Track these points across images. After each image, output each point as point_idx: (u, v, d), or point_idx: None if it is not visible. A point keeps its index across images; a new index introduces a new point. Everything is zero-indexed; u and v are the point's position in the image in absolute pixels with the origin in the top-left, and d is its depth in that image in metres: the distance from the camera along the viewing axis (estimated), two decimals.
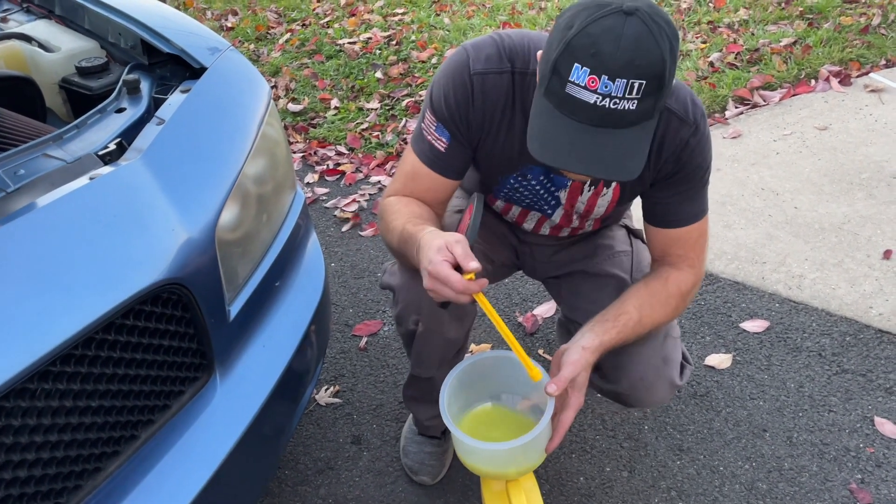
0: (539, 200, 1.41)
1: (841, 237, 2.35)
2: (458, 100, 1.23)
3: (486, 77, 1.22)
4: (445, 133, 1.26)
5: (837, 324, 2.04)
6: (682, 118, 1.21)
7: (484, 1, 4.36)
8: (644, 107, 1.00)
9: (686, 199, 1.29)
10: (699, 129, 1.23)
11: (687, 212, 1.30)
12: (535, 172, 1.33)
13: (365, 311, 2.24)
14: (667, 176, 1.26)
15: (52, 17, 1.66)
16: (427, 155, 1.29)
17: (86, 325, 0.93)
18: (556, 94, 1.01)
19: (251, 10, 4.67)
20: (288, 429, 1.38)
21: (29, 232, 0.98)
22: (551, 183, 1.35)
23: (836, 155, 2.75)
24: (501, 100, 1.23)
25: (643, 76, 0.96)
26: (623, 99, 0.97)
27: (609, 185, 1.34)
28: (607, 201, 1.38)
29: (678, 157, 1.23)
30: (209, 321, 1.15)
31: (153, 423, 1.10)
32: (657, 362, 1.35)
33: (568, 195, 1.37)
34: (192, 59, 1.40)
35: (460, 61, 1.24)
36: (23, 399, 0.90)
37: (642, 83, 0.97)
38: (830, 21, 3.58)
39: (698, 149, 1.23)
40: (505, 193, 1.42)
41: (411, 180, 1.32)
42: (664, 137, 1.22)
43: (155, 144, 1.18)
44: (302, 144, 3.24)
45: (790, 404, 1.83)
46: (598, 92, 0.97)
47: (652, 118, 1.03)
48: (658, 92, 0.99)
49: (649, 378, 1.35)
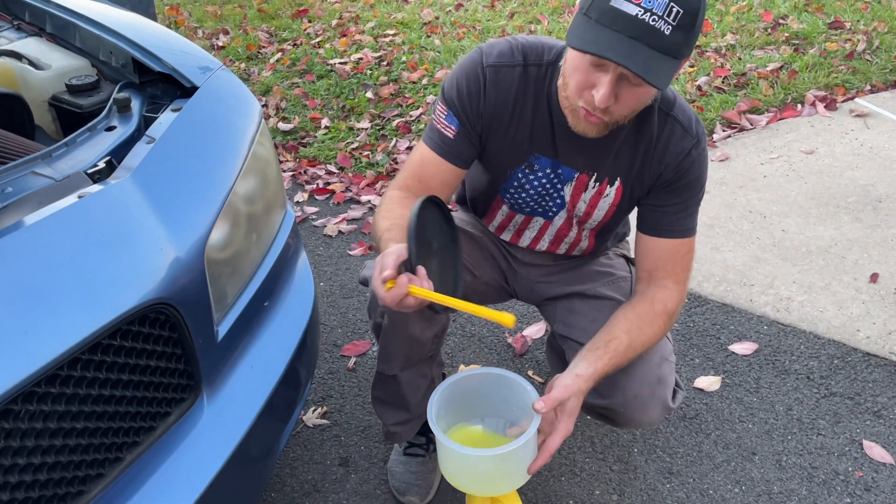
0: (543, 199, 1.42)
1: (828, 260, 2.37)
2: (471, 90, 1.30)
3: (499, 69, 1.29)
4: (455, 121, 1.33)
5: (825, 346, 2.05)
6: (686, 128, 1.29)
7: (474, 23, 4.39)
8: (675, 38, 1.06)
9: (681, 210, 1.34)
10: (700, 143, 1.31)
11: (681, 223, 1.35)
12: (543, 163, 1.36)
13: (353, 330, 2.23)
14: (666, 183, 1.32)
15: (43, 35, 1.65)
16: (436, 142, 1.35)
17: (72, 346, 0.92)
18: (598, 8, 1.07)
19: (242, 30, 4.69)
20: (275, 450, 1.37)
21: (16, 250, 0.97)
22: (557, 177, 1.37)
23: (822, 178, 2.78)
24: (513, 91, 1.30)
25: (682, 4, 1.04)
26: (661, 19, 1.04)
27: (612, 185, 1.37)
28: (608, 203, 1.40)
29: (679, 165, 1.30)
30: (197, 342, 1.14)
31: (139, 444, 1.09)
32: (652, 381, 1.35)
33: (572, 192, 1.39)
34: (184, 77, 1.39)
35: (474, 57, 1.31)
36: (6, 420, 0.89)
37: (680, 11, 1.04)
38: (816, 47, 3.64)
39: (698, 161, 1.31)
40: (511, 195, 1.44)
41: (419, 167, 1.37)
42: (668, 142, 1.29)
43: (145, 163, 1.17)
44: (292, 163, 3.23)
45: (779, 427, 1.83)
46: (641, 6, 1.04)
47: (675, 57, 1.08)
48: (688, 29, 1.06)
49: (644, 396, 1.35)
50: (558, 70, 1.28)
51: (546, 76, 1.29)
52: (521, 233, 1.54)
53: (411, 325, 1.39)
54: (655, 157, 1.31)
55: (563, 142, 1.32)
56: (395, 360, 1.46)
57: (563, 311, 1.53)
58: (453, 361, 2.08)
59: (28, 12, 1.70)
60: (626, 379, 1.33)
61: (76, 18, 1.59)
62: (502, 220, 1.54)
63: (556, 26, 4.26)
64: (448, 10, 4.66)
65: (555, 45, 1.32)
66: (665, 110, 1.30)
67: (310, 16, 4.81)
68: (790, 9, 4.04)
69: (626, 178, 1.36)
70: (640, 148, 1.32)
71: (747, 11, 4.10)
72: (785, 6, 4.07)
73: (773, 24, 3.92)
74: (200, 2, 5.35)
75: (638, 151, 1.32)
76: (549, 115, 1.31)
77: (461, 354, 2.11)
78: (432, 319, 1.43)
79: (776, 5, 4.10)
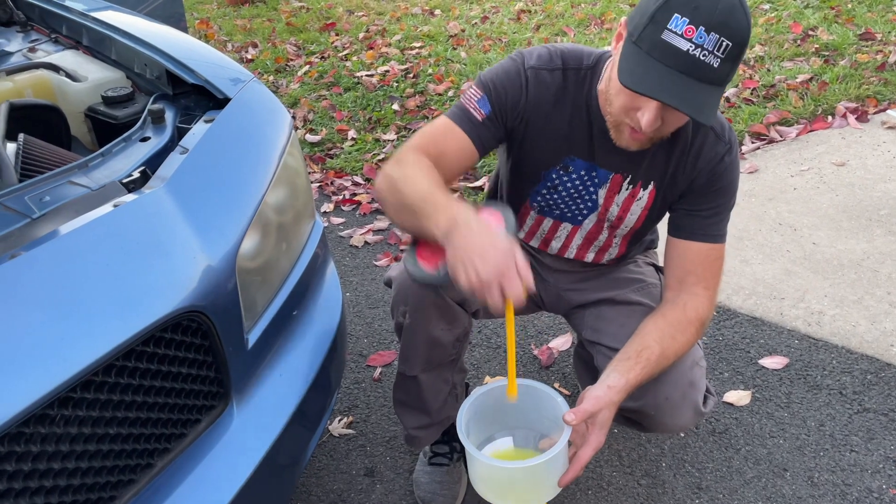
0: (575, 202, 1.42)
1: (860, 274, 2.33)
2: (512, 86, 1.32)
3: (540, 72, 1.31)
4: (487, 106, 1.32)
5: (858, 361, 2.01)
6: (719, 134, 1.32)
7: (500, 36, 4.41)
8: (723, 70, 1.09)
9: (714, 215, 1.35)
10: (733, 149, 1.33)
11: (713, 228, 1.36)
12: (578, 165, 1.37)
13: (379, 341, 2.23)
14: (700, 188, 1.34)
15: (79, 48, 1.69)
16: (462, 119, 1.32)
17: (107, 352, 0.94)
18: (649, 40, 1.09)
19: (271, 43, 4.75)
20: (302, 459, 1.37)
21: (53, 258, 0.99)
22: (591, 180, 1.38)
23: (854, 191, 2.74)
24: (552, 93, 1.32)
25: (732, 38, 1.06)
26: (711, 54, 1.06)
27: (645, 188, 1.37)
28: (641, 207, 1.40)
29: (713, 170, 1.33)
30: (228, 349, 1.15)
31: (169, 451, 1.10)
32: (684, 384, 1.34)
33: (606, 194, 1.39)
34: (216, 89, 1.42)
35: (515, 59, 1.33)
36: (42, 425, 0.90)
37: (729, 44, 1.06)
38: (847, 58, 3.59)
39: (731, 167, 1.33)
40: (543, 196, 1.44)
41: (442, 136, 1.31)
42: (702, 148, 1.32)
43: (178, 173, 1.19)
44: (319, 175, 3.26)
45: (811, 443, 1.80)
46: (693, 41, 1.06)
47: (721, 86, 1.11)
48: (736, 59, 1.09)
49: (675, 399, 1.34)
50: (597, 75, 1.30)
51: (585, 80, 1.31)
52: (548, 241, 1.53)
53: (433, 325, 1.39)
54: (689, 162, 1.33)
55: (600, 146, 1.33)
56: (416, 360, 1.46)
57: (591, 318, 1.53)
58: (479, 373, 2.08)
59: (65, 26, 1.74)
60: (658, 382, 1.32)
61: (112, 32, 1.62)
62: (531, 226, 1.53)
63: (581, 38, 4.25)
64: (474, 22, 4.68)
65: (593, 52, 1.34)
66: None
67: (337, 29, 4.86)
68: (820, 20, 4.00)
69: (659, 182, 1.37)
70: (674, 153, 1.33)
71: (776, 23, 4.06)
72: (815, 18, 4.03)
73: (802, 35, 3.89)
74: (230, 16, 5.44)
75: (672, 156, 1.34)
76: (587, 119, 1.32)
77: (487, 366, 2.10)
78: (454, 321, 1.43)
79: (805, 17, 4.06)
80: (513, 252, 1.05)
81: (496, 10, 4.87)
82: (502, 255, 1.04)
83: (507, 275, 1.03)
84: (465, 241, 1.06)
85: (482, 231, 1.07)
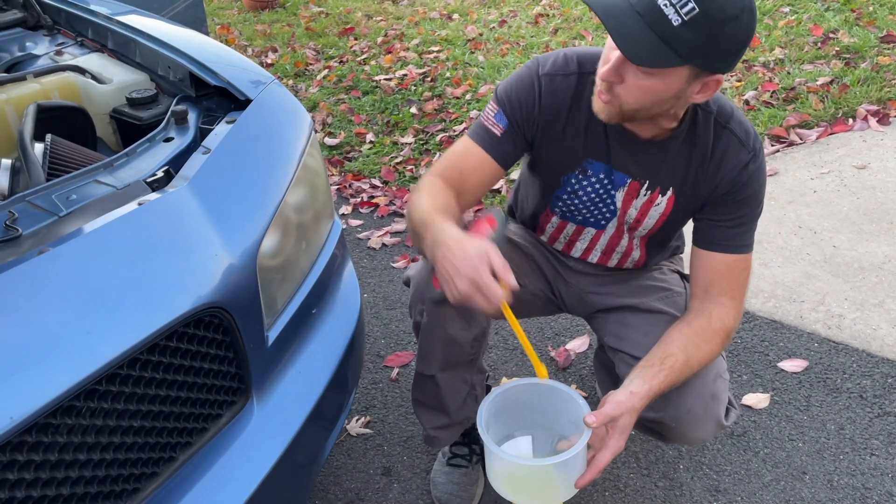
0: (596, 206, 1.42)
1: (881, 277, 2.31)
2: (526, 96, 1.32)
3: (554, 78, 1.31)
4: (504, 119, 1.34)
5: (879, 365, 2.00)
6: (743, 141, 1.29)
7: (518, 39, 4.42)
8: (681, 33, 1.05)
9: (738, 226, 1.33)
10: (758, 157, 1.31)
11: (738, 239, 1.34)
12: (596, 168, 1.37)
13: (397, 342, 2.25)
14: (722, 197, 1.32)
15: (104, 51, 1.72)
16: (481, 136, 1.36)
17: (132, 346, 0.96)
18: None
19: (290, 47, 4.79)
20: (321, 457, 1.38)
21: (80, 254, 1.02)
22: (610, 182, 1.38)
23: (875, 194, 2.72)
24: (568, 99, 1.32)
25: (701, 4, 1.03)
26: (672, 7, 1.04)
27: (664, 194, 1.37)
28: (659, 212, 1.39)
29: (735, 179, 1.30)
30: (248, 346, 1.16)
31: (191, 445, 1.11)
32: (706, 397, 1.33)
33: (624, 197, 1.39)
34: (238, 91, 1.44)
35: (530, 66, 1.35)
36: (69, 417, 0.92)
37: (696, 9, 1.03)
38: (868, 61, 3.56)
39: (755, 175, 1.31)
40: (564, 201, 1.44)
41: (462, 158, 1.36)
42: (724, 154, 1.30)
43: (201, 172, 1.21)
44: (337, 177, 3.29)
45: (830, 446, 1.79)
46: None
47: (680, 57, 1.07)
48: (702, 32, 1.05)
49: (697, 411, 1.33)
50: None
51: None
52: (572, 244, 1.53)
53: (450, 324, 1.40)
54: (711, 169, 1.31)
55: (616, 147, 1.33)
56: (434, 359, 1.47)
57: (614, 324, 1.52)
58: (496, 374, 2.08)
59: (91, 29, 1.77)
60: (680, 393, 1.31)
61: (136, 35, 1.65)
62: (552, 232, 1.54)
63: (599, 41, 4.25)
64: (492, 26, 4.70)
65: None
66: (722, 122, 1.30)
67: (356, 33, 4.89)
68: (841, 23, 3.96)
69: (679, 188, 1.35)
70: (693, 158, 1.32)
71: (796, 26, 4.04)
72: (835, 20, 4.00)
73: (822, 38, 3.86)
74: (250, 21, 5.49)
75: (692, 162, 1.32)
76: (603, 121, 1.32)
77: (504, 367, 2.11)
78: (471, 321, 1.43)
79: (826, 19, 4.03)
80: (485, 258, 1.06)
81: (514, 14, 4.88)
82: (472, 265, 1.06)
83: (480, 283, 1.05)
84: (443, 258, 1.10)
85: (455, 245, 1.09)
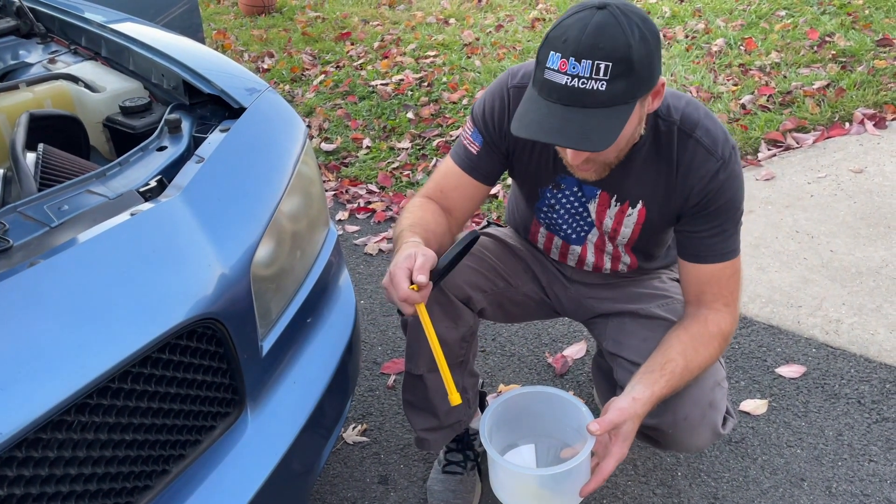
0: (575, 220, 1.43)
1: (879, 281, 2.30)
2: (495, 110, 1.35)
3: (523, 90, 1.30)
4: (479, 138, 1.39)
5: (877, 370, 1.99)
6: (710, 150, 1.26)
7: (514, 44, 4.42)
8: (615, 89, 1.08)
9: (718, 234, 1.31)
10: (728, 165, 1.27)
11: (719, 247, 1.32)
12: (569, 182, 1.38)
13: (393, 348, 2.24)
14: (696, 208, 1.30)
15: (98, 59, 1.71)
16: (460, 156, 1.42)
17: (123, 358, 0.95)
18: (538, 80, 1.13)
19: (287, 53, 4.79)
20: (317, 466, 1.38)
21: (71, 266, 1.01)
22: (583, 194, 1.39)
23: (872, 198, 2.72)
24: None
25: (609, 57, 1.05)
26: (590, 79, 1.07)
27: (634, 206, 1.36)
28: (633, 221, 1.39)
29: (705, 189, 1.27)
30: (242, 356, 1.16)
31: (185, 457, 1.10)
32: (704, 404, 1.33)
33: (597, 208, 1.39)
34: (232, 99, 1.43)
35: (502, 78, 1.37)
36: (60, 431, 0.91)
37: (609, 65, 1.06)
38: (864, 64, 3.57)
39: (727, 184, 1.27)
40: (545, 215, 1.46)
41: (442, 178, 1.43)
42: (691, 165, 1.27)
43: (194, 182, 1.20)
44: (334, 183, 3.28)
45: (829, 453, 1.78)
46: (567, 73, 1.08)
47: (626, 103, 1.10)
48: (628, 74, 1.07)
49: (694, 419, 1.33)
50: None
51: None
52: (564, 255, 1.54)
53: (436, 322, 1.38)
54: (678, 180, 1.28)
55: None
56: (421, 358, 1.47)
57: (613, 329, 1.51)
58: (493, 381, 2.07)
59: (84, 37, 1.76)
60: (678, 399, 1.31)
61: (130, 43, 1.64)
62: (544, 243, 1.55)
63: None
64: (488, 31, 4.70)
65: None
66: (687, 131, 1.27)
67: (352, 38, 4.89)
68: (837, 26, 3.97)
69: (649, 200, 1.34)
70: (661, 170, 1.30)
71: (792, 29, 4.04)
72: (831, 24, 4.00)
73: (819, 41, 3.86)
74: (246, 26, 5.49)
75: (660, 174, 1.30)
76: None
77: (501, 374, 2.10)
78: (458, 319, 1.44)
79: (822, 23, 4.03)
80: (411, 259, 1.14)
81: (510, 18, 4.88)
82: (395, 263, 1.15)
83: (393, 281, 1.14)
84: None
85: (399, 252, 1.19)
